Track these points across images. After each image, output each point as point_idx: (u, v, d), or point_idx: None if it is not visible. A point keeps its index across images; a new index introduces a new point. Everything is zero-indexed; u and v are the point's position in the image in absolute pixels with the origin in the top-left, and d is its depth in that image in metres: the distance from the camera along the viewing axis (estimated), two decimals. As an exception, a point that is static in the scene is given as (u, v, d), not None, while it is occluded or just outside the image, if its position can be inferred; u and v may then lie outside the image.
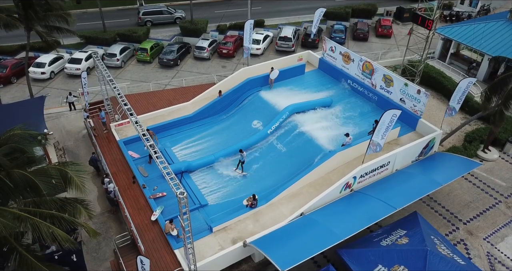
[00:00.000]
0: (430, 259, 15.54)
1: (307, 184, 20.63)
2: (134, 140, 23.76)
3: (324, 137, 22.77)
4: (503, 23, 32.12)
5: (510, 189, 23.38)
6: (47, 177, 13.07)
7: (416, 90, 22.98)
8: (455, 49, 34.84)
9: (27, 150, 13.50)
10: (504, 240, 20.41)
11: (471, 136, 26.02)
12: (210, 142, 24.23)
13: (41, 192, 12.86)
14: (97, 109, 25.53)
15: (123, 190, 20.59)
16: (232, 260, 17.95)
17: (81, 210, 14.49)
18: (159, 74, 33.56)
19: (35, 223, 12.44)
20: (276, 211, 19.41)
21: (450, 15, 44.10)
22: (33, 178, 12.61)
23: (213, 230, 18.46)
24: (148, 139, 15.82)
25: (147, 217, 19.29)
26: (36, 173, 12.97)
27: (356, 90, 26.96)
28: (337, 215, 18.42)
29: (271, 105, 25.65)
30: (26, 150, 13.48)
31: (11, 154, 13.51)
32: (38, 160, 14.28)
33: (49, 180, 13.01)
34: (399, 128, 23.14)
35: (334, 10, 41.73)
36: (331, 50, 28.51)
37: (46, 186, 12.87)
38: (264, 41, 37.16)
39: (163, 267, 16.89)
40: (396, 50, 37.79)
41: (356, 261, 16.60)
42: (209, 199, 20.47)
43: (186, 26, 37.88)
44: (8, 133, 13.86)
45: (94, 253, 19.10)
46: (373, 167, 20.40)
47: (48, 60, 32.38)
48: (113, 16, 41.95)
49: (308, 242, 16.66)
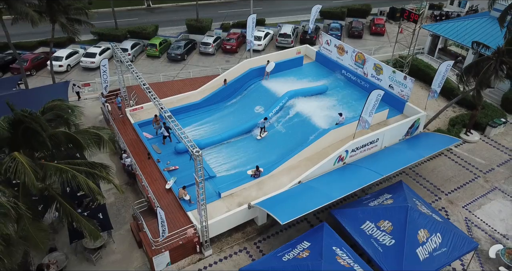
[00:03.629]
0: (410, 214, 17.90)
1: (304, 158, 23.05)
2: (147, 123, 26.29)
3: (319, 118, 25.23)
4: (486, 20, 34.68)
5: (488, 166, 25.77)
6: (86, 135, 15.52)
7: (403, 76, 25.48)
8: (442, 44, 37.43)
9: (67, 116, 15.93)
10: (481, 208, 22.77)
11: (454, 120, 28.47)
12: (216, 124, 26.68)
13: (83, 148, 15.28)
14: (114, 96, 28.01)
15: (139, 164, 23.01)
16: (237, 221, 20.32)
17: (106, 173, 16.89)
18: (168, 67, 36.11)
19: (74, 174, 14.84)
20: (277, 181, 21.78)
21: (440, 15, 46.73)
22: (76, 135, 15.03)
23: (221, 196, 20.84)
24: (174, 120, 17.72)
25: (162, 186, 21.70)
26: (77, 133, 15.42)
27: (350, 79, 29.47)
28: (331, 182, 20.82)
29: (272, 92, 28.15)
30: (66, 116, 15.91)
31: (53, 120, 15.96)
32: (76, 125, 16.68)
33: (87, 138, 15.45)
34: (388, 110, 25.59)
35: (330, 10, 44.47)
36: (327, 43, 31.07)
37: (86, 143, 15.30)
38: (265, 38, 39.78)
39: (179, 226, 19.23)
40: (388, 46, 40.32)
41: (347, 219, 18.95)
42: (216, 172, 22.87)
43: (192, 24, 40.53)
44: (49, 104, 16.30)
45: (115, 217, 21.42)
46: (363, 143, 22.84)
47: (65, 55, 34.95)
48: (123, 15, 44.63)
49: (305, 202, 19.01)
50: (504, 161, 26.17)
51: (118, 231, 20.81)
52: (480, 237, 21.02)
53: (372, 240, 17.90)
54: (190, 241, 19.01)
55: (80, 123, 17.74)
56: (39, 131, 14.41)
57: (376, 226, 18.27)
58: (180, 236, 18.81)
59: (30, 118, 14.28)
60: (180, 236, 18.81)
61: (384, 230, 17.98)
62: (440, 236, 17.83)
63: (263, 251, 19.95)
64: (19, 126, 14.84)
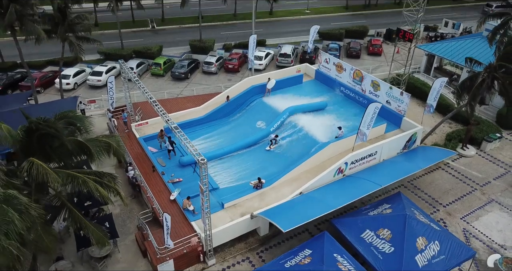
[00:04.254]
0: (409, 222, 18.43)
1: (305, 170, 23.68)
2: (152, 137, 27.06)
3: (319, 132, 26.05)
4: (479, 40, 36.02)
5: (485, 179, 26.36)
6: (97, 143, 16.25)
7: (399, 92, 26.43)
8: (438, 63, 38.66)
9: (80, 124, 16.72)
10: (479, 219, 23.24)
11: (451, 135, 29.25)
12: (219, 139, 27.43)
13: (93, 155, 15.98)
14: (120, 111, 28.91)
15: (145, 176, 23.63)
16: (240, 231, 20.78)
17: (113, 184, 17.53)
18: (172, 85, 37.18)
19: (84, 180, 15.49)
20: (279, 192, 22.34)
21: (435, 36, 48.23)
22: (87, 143, 15.77)
23: (225, 206, 21.36)
24: (180, 131, 18.52)
25: (166, 197, 22.27)
26: (88, 141, 16.16)
27: (348, 96, 30.44)
28: (331, 192, 21.41)
29: (273, 108, 29.06)
30: (79, 124, 16.70)
31: (65, 128, 16.73)
32: (86, 134, 17.42)
33: (98, 145, 16.18)
34: (385, 125, 26.40)
35: (329, 31, 46.05)
36: (326, 62, 32.23)
37: (95, 150, 16.01)
38: (265, 58, 41.08)
39: (183, 235, 19.70)
40: (385, 65, 41.54)
41: (347, 228, 19.44)
42: (219, 184, 23.46)
43: (195, 44, 41.94)
44: (61, 114, 17.12)
45: (120, 228, 21.83)
46: (362, 155, 23.54)
47: (72, 73, 36.11)
48: (129, 36, 46.13)
49: (306, 211, 19.54)
50: (500, 174, 26.78)
51: (123, 241, 21.22)
52: (478, 247, 21.42)
53: (372, 248, 18.35)
54: (194, 250, 19.42)
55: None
56: (55, 135, 15.13)
57: (375, 234, 18.74)
58: (185, 245, 19.25)
59: (45, 125, 15.03)
60: (185, 245, 19.25)
61: (384, 238, 18.45)
62: (438, 244, 18.28)
63: (265, 260, 20.31)
64: (34, 134, 15.61)
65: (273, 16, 55.98)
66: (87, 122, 17.85)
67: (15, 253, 11.89)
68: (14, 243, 11.86)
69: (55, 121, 16.11)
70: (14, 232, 11.71)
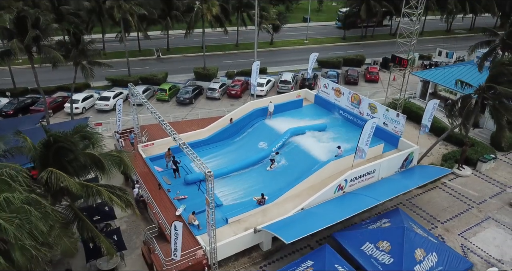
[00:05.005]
0: (407, 234, 19.12)
1: (307, 187, 24.50)
2: (158, 157, 28.04)
3: (319, 152, 27.03)
4: (471, 67, 37.72)
5: (481, 197, 27.10)
6: (109, 157, 17.25)
7: (395, 114, 27.67)
8: (433, 89, 40.21)
9: (93, 138, 17.80)
10: (476, 235, 23.82)
11: (446, 156, 30.22)
12: (223, 159, 28.40)
13: (105, 169, 16.94)
14: (126, 133, 30.08)
15: (151, 193, 24.43)
16: (244, 245, 21.36)
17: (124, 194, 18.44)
18: (177, 110, 38.54)
19: (98, 189, 16.40)
20: (281, 208, 23.07)
21: (429, 65, 50.24)
22: (100, 157, 16.77)
23: (229, 221, 22.04)
24: (187, 147, 19.60)
25: (172, 213, 22.96)
26: (101, 155, 17.17)
27: (347, 118, 31.68)
28: (332, 207, 22.16)
29: (275, 129, 30.23)
30: (93, 139, 17.78)
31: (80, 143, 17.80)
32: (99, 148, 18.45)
33: (110, 159, 17.17)
34: (383, 144, 27.45)
35: (328, 59, 48.06)
36: (325, 87, 33.71)
37: (107, 164, 16.99)
38: (267, 84, 42.78)
39: (188, 248, 20.27)
40: (382, 92, 43.11)
41: (348, 241, 20.09)
42: (223, 201, 24.22)
43: (199, 71, 43.74)
44: (77, 129, 18.22)
45: (127, 243, 22.27)
46: (361, 173, 24.43)
47: (81, 98, 37.57)
48: (135, 64, 48.08)
49: (308, 225, 20.24)
50: (496, 193, 27.55)
51: (129, 256, 21.75)
52: (476, 261, 21.91)
53: (372, 259, 18.94)
54: (199, 262, 19.95)
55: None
56: (71, 149, 16.15)
57: (375, 246, 19.38)
58: (190, 257, 19.80)
59: (63, 138, 16.09)
60: (190, 257, 19.80)
61: (383, 250, 19.07)
62: (436, 255, 18.91)
63: (268, 274, 20.80)
64: (51, 148, 16.65)
65: (274, 46, 58.39)
66: (100, 138, 18.92)
67: (34, 253, 12.61)
68: (34, 244, 12.61)
69: (71, 135, 17.17)
70: (35, 233, 12.49)
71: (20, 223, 12.12)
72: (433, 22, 67.95)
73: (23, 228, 12.18)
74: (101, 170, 17.40)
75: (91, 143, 17.69)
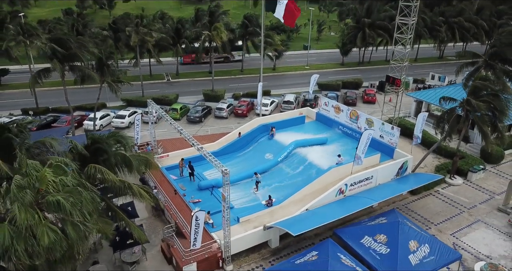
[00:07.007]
0: (401, 227, 21.31)
1: (310, 192, 26.80)
2: (172, 167, 30.53)
3: (321, 161, 29.52)
4: (460, 88, 40.59)
5: (472, 203, 29.32)
6: (137, 158, 19.80)
7: (390, 127, 30.36)
8: (426, 108, 43.07)
9: (125, 141, 20.40)
10: (467, 235, 25.93)
11: (439, 167, 32.67)
12: (233, 168, 30.67)
13: (133, 167, 19.45)
14: (144, 144, 32.74)
15: (168, 198, 26.74)
16: (254, 241, 23.50)
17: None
18: (187, 128, 41.24)
19: (129, 184, 18.83)
20: (286, 210, 25.29)
21: (423, 88, 53.44)
22: (130, 158, 19.33)
23: (240, 220, 24.25)
24: (204, 150, 22.28)
25: (188, 214, 25.15)
26: (130, 156, 19.74)
27: (346, 133, 34.36)
28: (334, 207, 24.44)
29: (279, 143, 32.85)
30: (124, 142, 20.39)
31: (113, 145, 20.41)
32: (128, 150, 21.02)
33: (138, 159, 19.73)
34: (380, 154, 29.95)
35: (327, 82, 51.38)
36: (325, 105, 36.60)
37: (135, 164, 19.54)
38: (271, 105, 45.77)
39: (203, 242, 22.39)
40: (379, 112, 45.92)
41: (348, 235, 22.24)
42: (234, 204, 26.47)
43: (208, 93, 46.94)
44: (111, 133, 20.87)
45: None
46: (360, 178, 26.85)
47: (99, 116, 40.42)
48: (147, 88, 51.32)
49: (312, 221, 22.48)
50: (486, 200, 29.80)
51: (149, 252, 23.81)
52: (467, 257, 23.94)
53: (371, 250, 21.06)
54: (214, 255, 22.04)
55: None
56: (106, 150, 18.74)
57: (373, 239, 21.52)
58: (206, 250, 21.92)
59: (101, 140, 18.72)
60: (206, 250, 21.92)
61: (380, 242, 21.22)
62: (428, 247, 21.02)
63: (277, 268, 22.77)
64: (89, 149, 19.23)
65: (276, 71, 61.94)
66: (130, 141, 21.53)
67: (83, 229, 14.93)
68: (83, 221, 14.95)
69: (107, 137, 19.81)
70: (85, 212, 14.85)
71: (74, 202, 14.49)
72: (427, 50, 72.02)
73: (76, 206, 14.54)
74: (129, 169, 19.86)
75: (122, 145, 20.26)
